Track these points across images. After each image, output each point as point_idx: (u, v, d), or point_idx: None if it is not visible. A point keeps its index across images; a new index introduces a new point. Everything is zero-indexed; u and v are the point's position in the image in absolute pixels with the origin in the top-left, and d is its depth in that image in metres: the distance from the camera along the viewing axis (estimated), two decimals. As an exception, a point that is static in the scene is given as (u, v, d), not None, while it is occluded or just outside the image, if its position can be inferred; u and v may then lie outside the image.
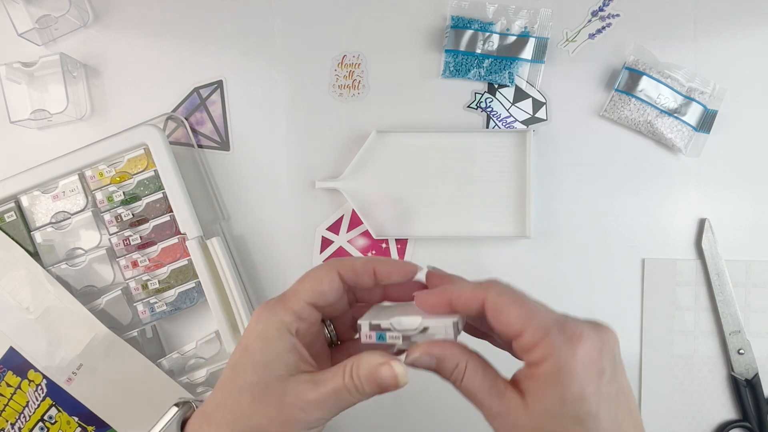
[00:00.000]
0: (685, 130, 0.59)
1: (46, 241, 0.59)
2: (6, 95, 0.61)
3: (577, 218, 0.61)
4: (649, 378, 0.60)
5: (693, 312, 0.59)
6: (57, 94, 0.62)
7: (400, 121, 0.62)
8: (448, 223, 0.61)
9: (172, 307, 0.59)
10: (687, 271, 0.60)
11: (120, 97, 0.63)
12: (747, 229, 0.60)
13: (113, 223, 0.59)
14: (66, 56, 0.60)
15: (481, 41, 0.58)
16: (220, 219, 0.62)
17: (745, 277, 0.60)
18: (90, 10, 0.63)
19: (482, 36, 0.58)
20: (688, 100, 0.59)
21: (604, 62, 0.61)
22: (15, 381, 0.58)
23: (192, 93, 0.63)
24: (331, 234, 0.62)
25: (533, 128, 0.61)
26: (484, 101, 0.61)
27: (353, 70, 0.62)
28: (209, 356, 0.60)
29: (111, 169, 0.59)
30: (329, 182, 0.61)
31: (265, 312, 0.34)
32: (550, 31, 0.60)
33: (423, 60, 0.62)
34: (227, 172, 0.63)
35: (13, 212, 0.59)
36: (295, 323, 0.33)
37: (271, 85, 0.63)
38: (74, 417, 0.58)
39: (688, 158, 0.60)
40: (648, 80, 0.58)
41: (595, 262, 0.61)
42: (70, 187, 0.59)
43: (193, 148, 0.62)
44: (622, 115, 0.59)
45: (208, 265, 0.58)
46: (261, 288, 0.62)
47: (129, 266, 0.59)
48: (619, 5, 0.60)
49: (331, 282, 0.34)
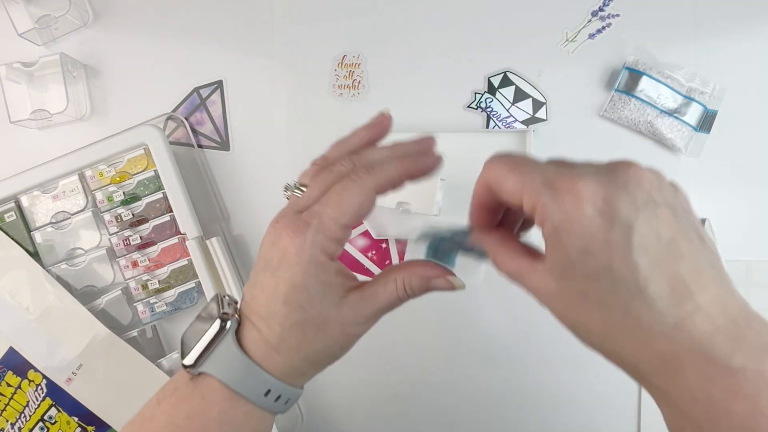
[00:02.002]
0: (685, 130, 0.59)
1: (46, 241, 0.59)
2: (6, 95, 0.61)
3: (577, 218, 0.61)
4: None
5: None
6: (57, 94, 0.62)
7: (400, 121, 0.62)
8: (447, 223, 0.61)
9: (172, 307, 0.59)
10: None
11: (120, 97, 0.63)
12: (747, 229, 0.60)
13: (113, 223, 0.59)
14: (66, 56, 0.60)
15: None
16: (220, 219, 0.62)
17: (745, 277, 0.60)
18: (90, 10, 0.63)
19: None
20: (688, 100, 0.59)
21: (604, 62, 0.61)
22: (15, 381, 0.58)
23: (192, 93, 0.63)
24: (331, 234, 0.62)
25: (533, 128, 0.61)
26: (484, 101, 0.61)
27: (353, 70, 0.62)
28: (209, 356, 0.60)
29: (111, 169, 0.59)
30: (329, 182, 0.61)
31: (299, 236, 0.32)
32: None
33: (424, 60, 0.62)
34: (227, 172, 0.63)
35: (13, 212, 0.59)
36: (338, 249, 0.33)
37: (271, 85, 0.62)
38: (74, 417, 0.57)
39: (688, 158, 0.60)
40: (648, 80, 0.58)
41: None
42: (70, 187, 0.59)
43: (193, 148, 0.62)
44: (622, 115, 0.59)
45: (208, 265, 0.58)
46: (261, 288, 0.62)
47: (129, 266, 0.59)
48: (619, 5, 0.60)
49: (370, 206, 0.33)
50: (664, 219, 0.26)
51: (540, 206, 0.27)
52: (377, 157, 0.34)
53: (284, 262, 0.32)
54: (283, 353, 0.33)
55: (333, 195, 0.32)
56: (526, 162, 0.29)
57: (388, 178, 0.33)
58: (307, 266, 0.32)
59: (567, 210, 0.26)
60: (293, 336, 0.33)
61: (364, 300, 0.33)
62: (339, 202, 0.32)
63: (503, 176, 0.29)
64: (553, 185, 0.27)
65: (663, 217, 0.26)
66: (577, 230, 0.26)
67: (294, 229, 0.32)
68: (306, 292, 0.32)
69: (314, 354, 0.33)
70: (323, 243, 0.32)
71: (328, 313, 0.33)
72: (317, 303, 0.32)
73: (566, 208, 0.26)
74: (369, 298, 0.33)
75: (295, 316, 0.32)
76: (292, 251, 0.32)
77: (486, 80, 0.61)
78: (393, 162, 0.33)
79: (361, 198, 0.32)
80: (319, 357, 0.34)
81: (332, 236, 0.32)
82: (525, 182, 0.28)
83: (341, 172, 0.33)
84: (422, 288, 0.34)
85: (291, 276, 0.32)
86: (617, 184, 0.26)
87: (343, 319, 0.33)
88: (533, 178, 0.28)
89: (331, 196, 0.32)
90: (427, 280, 0.34)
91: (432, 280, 0.34)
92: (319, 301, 0.32)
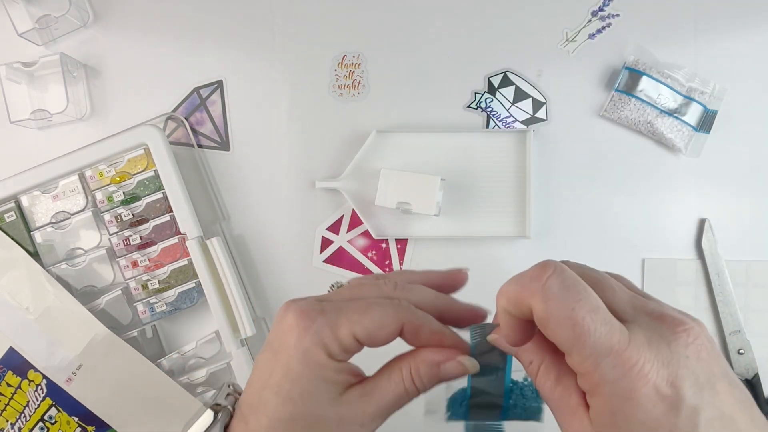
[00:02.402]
0: (685, 130, 0.59)
1: (46, 241, 0.59)
2: (6, 95, 0.61)
3: (577, 218, 0.61)
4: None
5: (693, 312, 0.59)
6: (57, 94, 0.62)
7: (400, 121, 0.62)
8: (448, 223, 0.61)
9: (172, 307, 0.59)
10: (687, 271, 0.60)
11: (120, 97, 0.63)
12: (747, 229, 0.60)
13: (113, 223, 0.59)
14: (66, 56, 0.60)
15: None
16: (220, 219, 0.62)
17: (745, 277, 0.60)
18: (90, 10, 0.63)
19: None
20: (688, 100, 0.59)
21: (604, 62, 0.61)
22: (15, 381, 0.58)
23: (192, 93, 0.63)
24: (331, 234, 0.62)
25: (533, 128, 0.61)
26: (484, 101, 0.61)
27: (353, 70, 0.62)
28: (209, 356, 0.60)
29: (111, 169, 0.59)
30: (329, 182, 0.61)
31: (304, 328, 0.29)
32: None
33: (424, 60, 0.62)
34: (227, 172, 0.63)
35: (13, 212, 0.59)
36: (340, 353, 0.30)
37: (271, 85, 0.62)
38: (74, 417, 0.57)
39: (688, 158, 0.60)
40: (648, 80, 0.58)
41: (596, 263, 0.60)
42: (70, 187, 0.59)
43: (193, 148, 0.62)
44: (622, 115, 0.59)
45: (208, 265, 0.58)
46: (261, 288, 0.62)
47: (129, 266, 0.59)
48: (619, 5, 0.60)
49: (390, 334, 0.30)
50: (725, 395, 0.25)
51: (598, 378, 0.24)
52: (420, 297, 0.32)
53: (284, 344, 0.30)
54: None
55: (361, 302, 0.30)
56: (588, 300, 0.25)
57: (419, 322, 0.30)
58: (304, 354, 0.29)
59: (634, 396, 0.24)
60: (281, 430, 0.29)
61: (366, 395, 0.30)
62: (362, 311, 0.30)
63: (552, 320, 0.25)
64: (610, 351, 0.24)
65: (723, 393, 0.25)
66: (639, 416, 0.24)
67: (305, 311, 0.30)
68: (299, 383, 0.29)
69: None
70: (327, 338, 0.29)
71: (322, 411, 0.29)
72: (310, 398, 0.29)
73: (633, 394, 0.24)
74: (371, 393, 0.30)
75: (285, 410, 0.29)
76: (294, 334, 0.29)
77: (486, 80, 0.61)
78: (429, 307, 0.31)
79: (385, 321, 0.30)
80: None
81: (338, 337, 0.29)
82: (581, 341, 0.24)
83: (381, 289, 0.32)
84: (431, 377, 0.30)
85: (287, 361, 0.29)
86: (680, 361, 0.24)
87: (341, 419, 0.29)
88: (596, 338, 0.24)
89: (359, 303, 0.30)
90: (435, 365, 0.30)
91: (441, 365, 0.30)
92: (313, 396, 0.29)
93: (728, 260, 0.59)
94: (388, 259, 0.62)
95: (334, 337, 0.29)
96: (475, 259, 0.61)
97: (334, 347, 0.29)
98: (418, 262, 0.62)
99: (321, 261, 0.62)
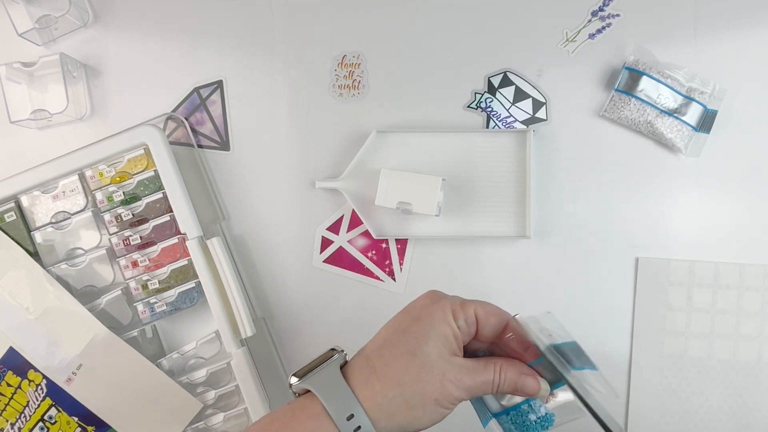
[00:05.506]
0: (685, 130, 0.59)
1: (46, 241, 0.59)
2: (6, 95, 0.61)
3: (577, 218, 0.61)
4: (638, 377, 0.59)
5: (685, 313, 0.59)
6: (57, 94, 0.62)
7: (400, 121, 0.62)
8: (448, 223, 0.61)
9: (172, 307, 0.59)
10: (680, 271, 0.60)
11: (120, 97, 0.63)
12: (747, 230, 0.60)
13: (113, 223, 0.59)
14: (66, 56, 0.60)
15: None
16: (220, 219, 0.62)
17: (738, 280, 0.59)
18: (90, 10, 0.63)
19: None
20: (688, 100, 0.59)
21: (604, 62, 0.61)
22: (15, 381, 0.58)
23: (192, 93, 0.63)
24: (331, 234, 0.62)
25: (533, 128, 0.61)
26: (484, 101, 0.61)
27: (353, 70, 0.62)
28: (209, 356, 0.60)
29: (111, 169, 0.59)
30: (329, 182, 0.61)
31: (439, 298, 0.38)
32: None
33: (424, 60, 0.62)
34: (227, 172, 0.63)
35: (13, 212, 0.59)
36: (462, 323, 0.37)
37: (271, 85, 0.62)
38: (74, 417, 0.58)
39: (688, 158, 0.60)
40: (648, 80, 0.58)
41: (596, 262, 0.61)
42: (70, 187, 0.59)
43: (193, 148, 0.62)
44: (622, 115, 0.59)
45: (208, 265, 0.58)
46: (261, 288, 0.62)
47: (129, 266, 0.59)
48: (619, 5, 0.60)
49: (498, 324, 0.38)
50: None
51: None
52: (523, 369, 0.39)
53: (417, 304, 0.39)
54: (382, 380, 0.36)
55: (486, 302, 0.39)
56: None
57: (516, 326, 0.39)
58: (434, 310, 0.37)
59: None
60: (398, 365, 0.36)
61: (467, 368, 0.37)
62: (484, 303, 0.39)
63: None
64: None
65: None
66: None
67: (437, 292, 0.39)
68: (428, 329, 0.36)
69: (410, 393, 0.35)
70: (455, 307, 0.37)
71: (435, 359, 0.36)
72: (433, 344, 0.36)
73: None
74: (472, 370, 0.37)
75: (409, 345, 0.36)
76: (428, 298, 0.39)
77: (486, 80, 0.61)
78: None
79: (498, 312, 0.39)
80: (412, 401, 0.35)
81: (464, 308, 0.37)
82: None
83: None
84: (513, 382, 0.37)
85: (418, 312, 0.38)
86: None
87: (445, 373, 0.36)
88: None
89: (483, 301, 0.39)
90: (519, 374, 0.38)
91: (524, 376, 0.38)
92: (435, 343, 0.36)
93: (723, 262, 0.59)
94: (388, 259, 0.62)
95: (461, 307, 0.37)
96: (475, 259, 0.61)
97: (459, 315, 0.37)
98: (418, 262, 0.62)
99: (321, 261, 0.62)
